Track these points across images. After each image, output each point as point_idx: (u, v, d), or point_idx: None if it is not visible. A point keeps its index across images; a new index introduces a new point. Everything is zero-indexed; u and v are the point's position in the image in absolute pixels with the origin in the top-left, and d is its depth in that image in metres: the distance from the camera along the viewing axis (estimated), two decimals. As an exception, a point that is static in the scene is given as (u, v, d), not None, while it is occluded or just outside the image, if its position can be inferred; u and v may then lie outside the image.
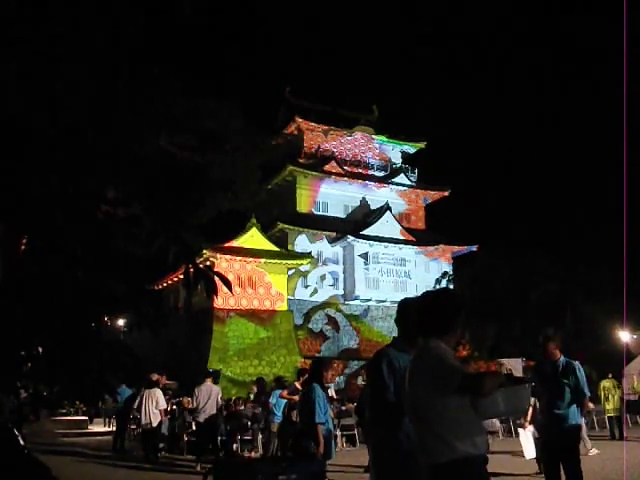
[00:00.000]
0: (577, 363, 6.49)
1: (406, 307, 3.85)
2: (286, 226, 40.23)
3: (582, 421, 7.51)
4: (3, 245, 2.94)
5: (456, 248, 45.79)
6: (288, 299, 38.86)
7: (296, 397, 11.88)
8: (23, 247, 3.05)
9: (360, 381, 32.29)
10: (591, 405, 10.79)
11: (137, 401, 13.91)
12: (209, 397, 12.23)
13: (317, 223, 41.73)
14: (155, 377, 13.86)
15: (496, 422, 11.69)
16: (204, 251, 32.86)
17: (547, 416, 6.34)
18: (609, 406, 16.28)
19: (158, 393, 13.53)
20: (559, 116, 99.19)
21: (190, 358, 33.27)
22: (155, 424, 13.31)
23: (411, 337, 3.73)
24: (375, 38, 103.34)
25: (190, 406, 14.54)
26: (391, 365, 3.60)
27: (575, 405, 6.25)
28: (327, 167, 43.57)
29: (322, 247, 41.87)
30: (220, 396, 12.82)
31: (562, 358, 6.41)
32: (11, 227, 2.97)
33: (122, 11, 3.02)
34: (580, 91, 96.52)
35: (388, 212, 42.85)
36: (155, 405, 13.33)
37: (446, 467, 2.95)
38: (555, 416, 6.18)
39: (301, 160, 43.59)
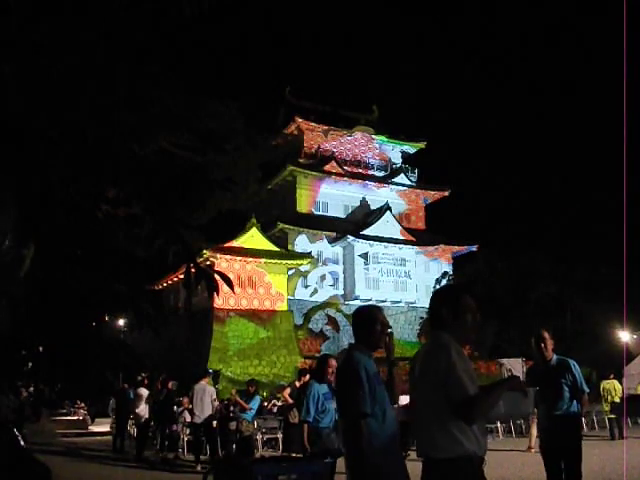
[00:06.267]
0: (572, 360, 6.43)
1: (368, 316, 3.80)
2: (286, 226, 40.25)
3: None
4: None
5: (456, 248, 45.81)
6: (288, 299, 38.87)
7: (290, 399, 11.89)
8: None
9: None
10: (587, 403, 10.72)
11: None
12: (202, 398, 12.20)
13: (317, 223, 41.75)
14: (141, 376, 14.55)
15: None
16: (204, 251, 32.85)
17: (547, 418, 6.29)
18: (610, 407, 16.25)
19: (143, 391, 14.30)
20: (559, 116, 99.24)
21: (190, 358, 33.25)
22: (142, 421, 14.02)
23: (372, 344, 3.73)
24: (375, 38, 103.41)
25: (189, 406, 14.68)
26: (367, 372, 3.56)
27: (575, 403, 6.20)
28: (327, 167, 43.61)
29: (322, 247, 41.89)
30: (214, 397, 12.79)
31: (555, 357, 6.35)
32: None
33: (122, 11, 3.03)
34: (580, 91, 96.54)
35: (388, 212, 42.88)
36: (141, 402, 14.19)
37: (448, 463, 2.92)
38: (556, 417, 6.13)
39: (301, 160, 43.63)
